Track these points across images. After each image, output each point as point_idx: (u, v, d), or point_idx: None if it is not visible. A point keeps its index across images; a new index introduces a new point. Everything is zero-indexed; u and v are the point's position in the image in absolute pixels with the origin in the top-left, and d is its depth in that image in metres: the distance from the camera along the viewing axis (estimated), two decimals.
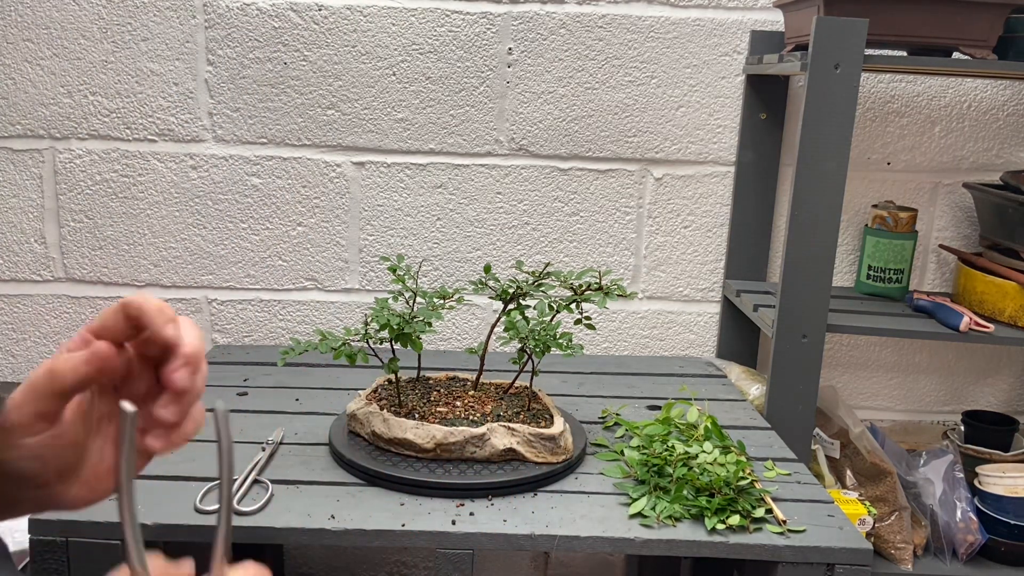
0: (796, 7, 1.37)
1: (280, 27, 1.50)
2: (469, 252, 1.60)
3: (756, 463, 1.16)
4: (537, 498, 1.05)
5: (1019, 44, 1.30)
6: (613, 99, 1.55)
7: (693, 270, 1.63)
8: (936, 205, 1.63)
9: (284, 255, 1.59)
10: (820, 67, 1.22)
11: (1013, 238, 1.41)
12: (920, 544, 1.40)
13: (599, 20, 1.52)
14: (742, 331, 1.63)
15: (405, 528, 0.97)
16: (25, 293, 1.59)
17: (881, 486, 1.40)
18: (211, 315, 1.61)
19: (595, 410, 1.33)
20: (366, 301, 1.62)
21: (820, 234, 1.28)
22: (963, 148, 1.60)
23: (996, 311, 1.40)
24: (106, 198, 1.56)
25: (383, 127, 1.54)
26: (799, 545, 0.97)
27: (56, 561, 0.95)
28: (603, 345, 1.66)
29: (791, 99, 1.55)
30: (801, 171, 1.26)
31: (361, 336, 1.12)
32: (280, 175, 1.56)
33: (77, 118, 1.52)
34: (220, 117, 1.53)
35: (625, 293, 1.15)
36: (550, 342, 1.13)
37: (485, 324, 1.63)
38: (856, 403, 1.70)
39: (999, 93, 1.58)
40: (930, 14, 1.26)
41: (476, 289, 1.19)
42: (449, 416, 1.13)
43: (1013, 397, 1.71)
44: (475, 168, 1.57)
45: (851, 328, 1.35)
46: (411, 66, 1.52)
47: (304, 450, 1.15)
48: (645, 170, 1.58)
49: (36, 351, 1.61)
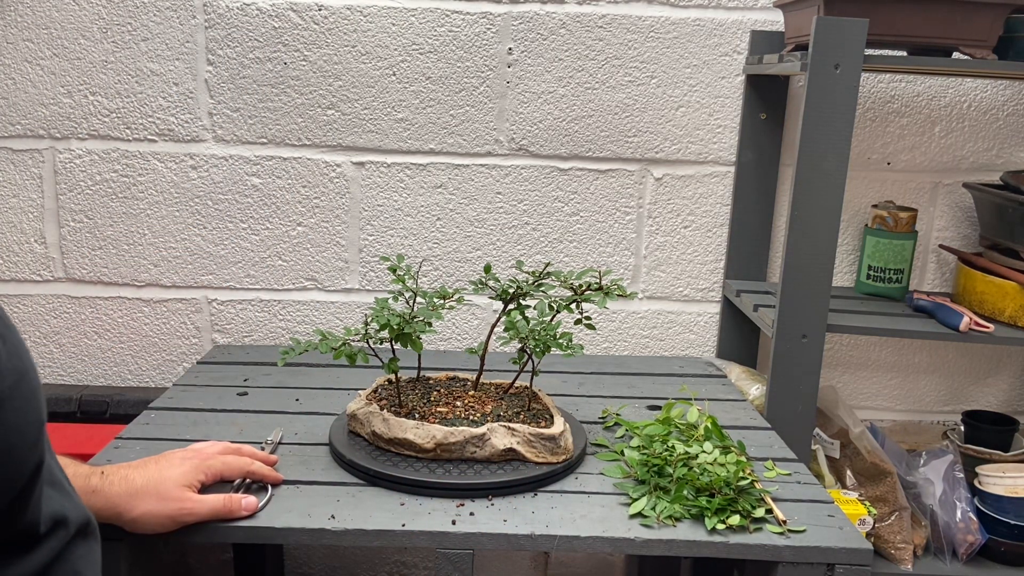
0: (796, 7, 1.38)
1: (280, 27, 1.50)
2: (469, 252, 1.60)
3: (756, 463, 1.16)
4: (537, 498, 1.05)
5: (1019, 44, 1.30)
6: (613, 99, 1.55)
7: (693, 270, 1.63)
8: (936, 205, 1.63)
9: (284, 255, 1.59)
10: (820, 67, 1.22)
11: (1013, 238, 1.41)
12: (920, 544, 1.40)
13: (599, 20, 1.52)
14: (742, 331, 1.63)
15: (405, 528, 0.97)
16: (25, 293, 1.59)
17: (881, 486, 1.40)
18: (211, 315, 1.61)
19: (595, 410, 1.33)
20: (366, 301, 1.62)
21: (820, 234, 1.28)
22: (963, 148, 1.60)
23: (996, 311, 1.40)
24: (106, 198, 1.56)
25: (383, 127, 1.54)
26: (799, 545, 0.97)
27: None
28: (603, 345, 1.66)
29: (791, 99, 1.55)
30: (801, 171, 1.26)
31: (361, 336, 1.11)
32: (280, 175, 1.56)
33: (77, 118, 1.52)
34: (220, 117, 1.53)
35: (625, 293, 1.15)
36: (550, 342, 1.13)
37: (485, 324, 1.63)
38: (856, 403, 1.70)
39: (999, 93, 1.58)
40: (930, 14, 1.26)
41: (476, 289, 1.19)
42: (449, 416, 1.13)
43: (1013, 397, 1.71)
44: (475, 168, 1.57)
45: (851, 328, 1.35)
46: (411, 66, 1.52)
47: (304, 450, 1.15)
48: (645, 170, 1.58)
49: (36, 351, 1.61)
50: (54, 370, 1.62)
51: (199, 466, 0.96)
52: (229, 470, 0.99)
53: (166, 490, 0.91)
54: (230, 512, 0.95)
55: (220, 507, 0.94)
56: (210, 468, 0.97)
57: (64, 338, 1.61)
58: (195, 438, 1.16)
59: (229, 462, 1.00)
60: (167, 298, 1.60)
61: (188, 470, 0.94)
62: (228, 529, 0.96)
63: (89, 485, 0.88)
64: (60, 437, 1.42)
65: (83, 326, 1.61)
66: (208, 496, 0.94)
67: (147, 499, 0.90)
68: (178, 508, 0.91)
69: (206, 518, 0.93)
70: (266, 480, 1.03)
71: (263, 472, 1.03)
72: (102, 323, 1.61)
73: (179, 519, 0.92)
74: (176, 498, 0.91)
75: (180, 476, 0.93)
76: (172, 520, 0.91)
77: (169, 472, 0.93)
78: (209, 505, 0.93)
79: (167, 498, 0.91)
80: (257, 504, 0.97)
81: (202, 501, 0.93)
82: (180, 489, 0.92)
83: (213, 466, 0.97)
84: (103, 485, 0.89)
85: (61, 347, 1.61)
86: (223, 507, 0.94)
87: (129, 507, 0.89)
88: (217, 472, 0.98)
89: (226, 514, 0.95)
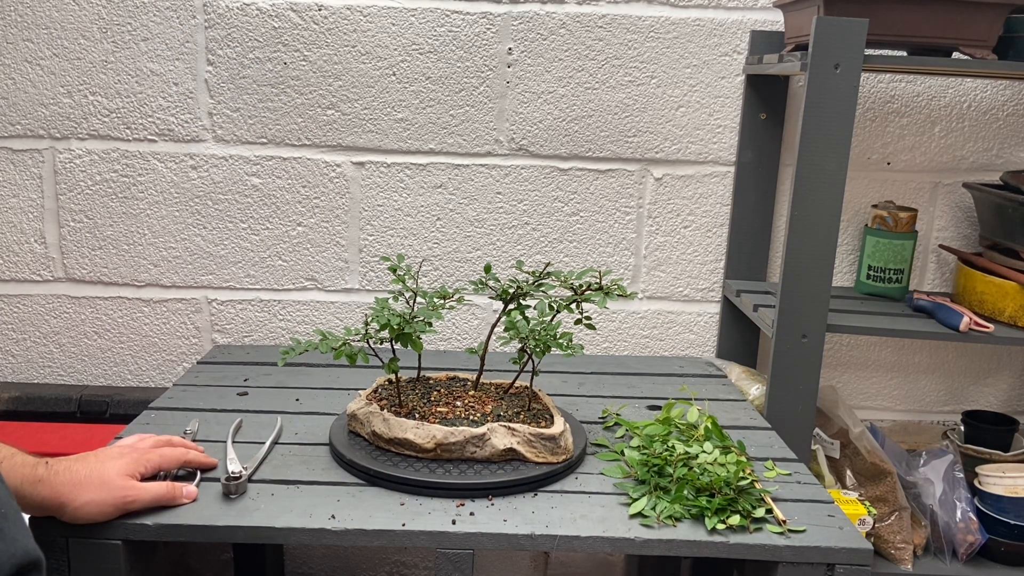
0: (796, 7, 1.38)
1: (280, 27, 1.50)
2: (469, 252, 1.60)
3: (756, 463, 1.16)
4: (537, 498, 1.05)
5: (1019, 44, 1.30)
6: (613, 99, 1.55)
7: (693, 270, 1.63)
8: (936, 205, 1.63)
9: (284, 255, 1.59)
10: (820, 67, 1.22)
11: (1013, 238, 1.41)
12: (920, 544, 1.41)
13: (599, 20, 1.52)
14: (742, 331, 1.63)
15: (405, 528, 0.97)
16: (25, 293, 1.59)
17: (881, 486, 1.40)
18: (211, 315, 1.61)
19: (595, 410, 1.33)
20: (366, 301, 1.62)
21: (820, 234, 1.28)
22: (963, 148, 1.60)
23: (996, 311, 1.40)
24: (106, 198, 1.56)
25: (383, 127, 1.54)
26: (799, 545, 0.97)
27: (56, 561, 0.95)
28: (603, 345, 1.66)
29: (791, 99, 1.55)
30: (801, 171, 1.26)
31: (361, 336, 1.11)
32: (280, 175, 1.56)
33: (77, 118, 1.52)
34: (220, 117, 1.53)
35: (625, 293, 1.15)
36: (550, 342, 1.13)
37: (485, 324, 1.63)
38: (856, 403, 1.70)
39: (999, 93, 1.58)
40: (930, 14, 1.26)
41: (476, 289, 1.19)
42: (449, 416, 1.13)
43: (1013, 397, 1.71)
44: (475, 168, 1.57)
45: (851, 328, 1.35)
46: (411, 66, 1.52)
47: (304, 450, 1.15)
48: (645, 170, 1.58)
49: (36, 351, 1.61)
50: (54, 370, 1.62)
51: (138, 459, 0.99)
52: (166, 462, 1.03)
53: (109, 479, 0.94)
54: (173, 499, 0.98)
55: (163, 493, 0.98)
56: (148, 461, 1.00)
57: (64, 338, 1.61)
58: (195, 438, 1.16)
59: (166, 454, 1.03)
60: (167, 298, 1.60)
61: (128, 462, 0.98)
62: (228, 529, 0.96)
63: (35, 474, 0.90)
64: (60, 437, 1.42)
65: (83, 326, 1.61)
66: (151, 483, 0.98)
67: (91, 488, 0.93)
68: (122, 496, 0.94)
69: (149, 504, 0.97)
70: (204, 467, 1.07)
71: (200, 460, 1.07)
72: (102, 323, 1.61)
73: (123, 507, 0.95)
74: (119, 487, 0.95)
75: (122, 467, 0.96)
76: (116, 508, 0.94)
77: (110, 464, 0.96)
78: (152, 492, 0.97)
79: (110, 487, 0.94)
80: (197, 492, 1.01)
81: (145, 488, 0.97)
82: (123, 478, 0.95)
83: (151, 459, 1.00)
84: (48, 475, 0.91)
85: (61, 347, 1.61)
86: (166, 493, 0.98)
87: (73, 496, 0.91)
88: (156, 465, 1.01)
89: (169, 500, 0.98)
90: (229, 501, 1.01)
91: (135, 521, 0.95)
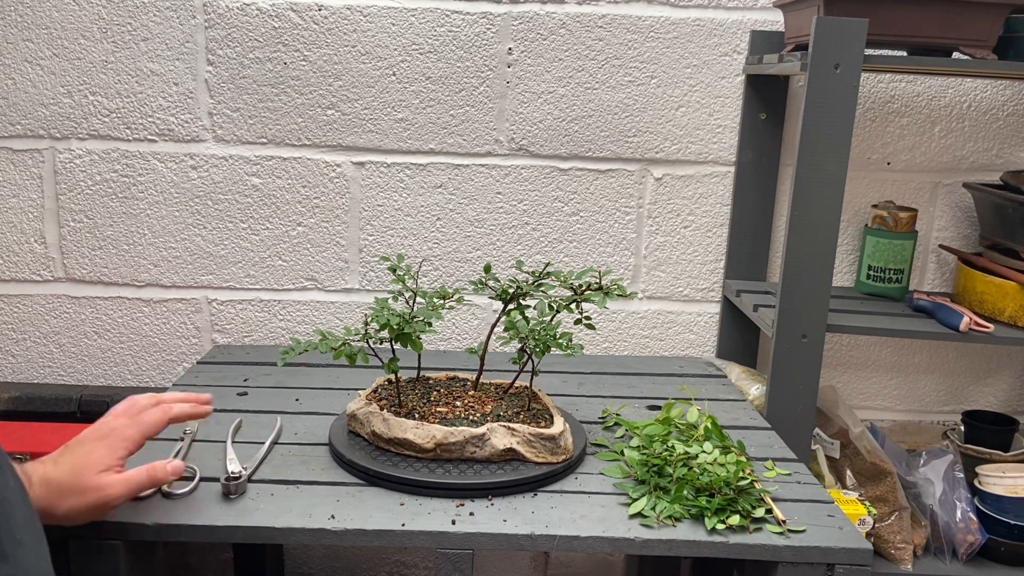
0: (796, 7, 1.38)
1: (280, 27, 1.50)
2: (469, 252, 1.60)
3: (756, 463, 1.16)
4: (537, 498, 1.05)
5: (1019, 44, 1.30)
6: (613, 99, 1.55)
7: (693, 270, 1.63)
8: (936, 205, 1.63)
9: (284, 255, 1.59)
10: (820, 67, 1.22)
11: (1013, 238, 1.41)
12: (920, 544, 1.40)
13: (599, 20, 1.52)
14: (742, 331, 1.63)
15: (405, 528, 0.97)
16: (25, 293, 1.59)
17: (881, 486, 1.40)
18: (211, 315, 1.61)
19: (595, 410, 1.33)
20: (366, 301, 1.62)
21: (820, 234, 1.28)
22: (963, 148, 1.60)
23: (996, 311, 1.40)
24: (106, 198, 1.56)
25: (383, 127, 1.54)
26: (799, 545, 0.97)
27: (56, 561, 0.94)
28: (603, 345, 1.66)
29: (791, 99, 1.55)
30: (801, 171, 1.26)
31: (361, 336, 1.11)
32: (280, 175, 1.56)
33: (77, 118, 1.52)
34: (220, 117, 1.53)
35: (625, 293, 1.15)
36: (550, 342, 1.13)
37: (485, 324, 1.63)
38: (856, 403, 1.70)
39: (999, 93, 1.58)
40: (930, 14, 1.26)
41: (476, 289, 1.19)
42: (449, 416, 1.13)
43: (1013, 397, 1.71)
44: (475, 168, 1.57)
45: (851, 328, 1.35)
46: (411, 66, 1.52)
47: (304, 450, 1.15)
48: (645, 170, 1.58)
49: (36, 351, 1.61)
50: (54, 370, 1.63)
51: (115, 445, 0.92)
52: (149, 429, 0.96)
53: (84, 482, 0.89)
54: (156, 481, 0.94)
55: (145, 479, 0.93)
56: (129, 439, 0.94)
57: (64, 338, 1.61)
58: (194, 438, 1.16)
59: (145, 422, 0.95)
60: (167, 298, 1.60)
61: (104, 453, 0.92)
62: (228, 529, 0.96)
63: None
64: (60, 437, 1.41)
65: (83, 326, 1.61)
66: (130, 473, 0.92)
67: (68, 497, 0.88)
68: (98, 497, 0.89)
69: (133, 494, 0.93)
70: (192, 417, 1.01)
71: (185, 412, 1.00)
72: (102, 323, 1.61)
73: (104, 507, 0.91)
74: (95, 487, 0.89)
75: (97, 462, 0.91)
76: (97, 509, 0.90)
77: (85, 461, 0.91)
78: (134, 482, 0.92)
79: (85, 491, 0.89)
80: (183, 466, 0.98)
81: (125, 481, 0.91)
82: (98, 477, 0.90)
83: (131, 436, 0.94)
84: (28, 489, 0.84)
85: (61, 347, 1.61)
86: (148, 479, 0.93)
87: (52, 507, 0.88)
88: (137, 440, 0.94)
89: (153, 484, 0.94)
90: (229, 501, 1.01)
91: (135, 521, 0.95)
